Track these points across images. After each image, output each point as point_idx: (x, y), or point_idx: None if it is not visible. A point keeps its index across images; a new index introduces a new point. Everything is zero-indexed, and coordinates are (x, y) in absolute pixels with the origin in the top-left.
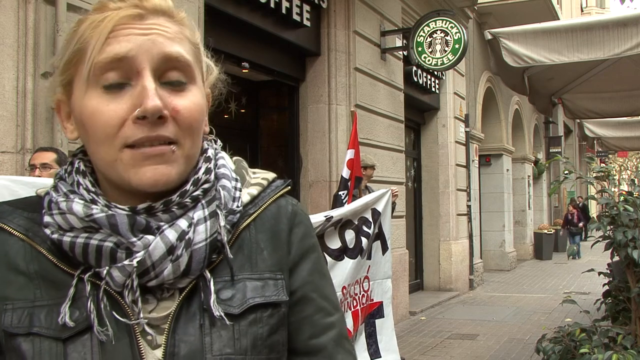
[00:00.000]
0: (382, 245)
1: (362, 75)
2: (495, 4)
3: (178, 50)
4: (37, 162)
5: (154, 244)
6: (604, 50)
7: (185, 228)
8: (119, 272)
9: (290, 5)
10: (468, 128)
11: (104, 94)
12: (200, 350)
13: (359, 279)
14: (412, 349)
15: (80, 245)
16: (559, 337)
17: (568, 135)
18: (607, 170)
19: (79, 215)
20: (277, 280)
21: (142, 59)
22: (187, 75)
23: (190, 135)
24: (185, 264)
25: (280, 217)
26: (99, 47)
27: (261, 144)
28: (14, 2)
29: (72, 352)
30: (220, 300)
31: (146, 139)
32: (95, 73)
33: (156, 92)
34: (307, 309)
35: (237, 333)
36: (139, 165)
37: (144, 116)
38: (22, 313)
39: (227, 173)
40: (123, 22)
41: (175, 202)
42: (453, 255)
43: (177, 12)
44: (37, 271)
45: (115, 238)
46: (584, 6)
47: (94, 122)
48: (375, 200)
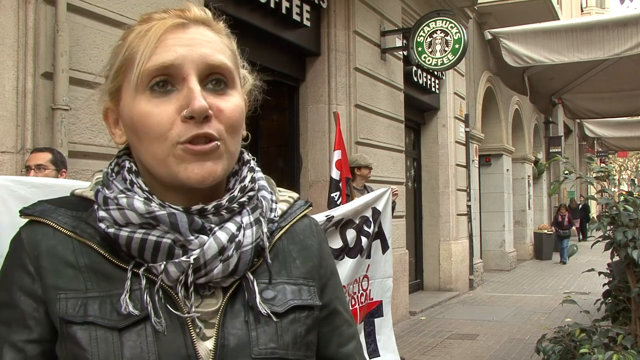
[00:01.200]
0: (382, 244)
1: (362, 75)
2: (495, 4)
3: (220, 58)
4: (31, 164)
5: (208, 243)
6: (604, 50)
7: (235, 231)
8: (175, 268)
9: (290, 5)
10: (468, 128)
11: (152, 98)
12: (247, 343)
13: (357, 278)
14: (412, 349)
15: (138, 240)
16: (559, 337)
17: (568, 135)
18: (607, 170)
19: (140, 212)
20: (310, 287)
21: (187, 67)
22: (228, 80)
23: (231, 134)
24: (234, 264)
25: (308, 233)
26: (147, 56)
27: (261, 144)
28: (14, 2)
29: (128, 341)
30: (264, 299)
31: (195, 137)
32: (143, 80)
33: (201, 94)
34: (336, 320)
35: (279, 330)
36: (189, 161)
37: (192, 116)
38: (76, 303)
39: (266, 185)
40: (168, 32)
41: (225, 207)
42: (453, 255)
43: (215, 22)
44: (87, 264)
45: (173, 235)
46: (584, 6)
47: (145, 123)
48: (375, 199)
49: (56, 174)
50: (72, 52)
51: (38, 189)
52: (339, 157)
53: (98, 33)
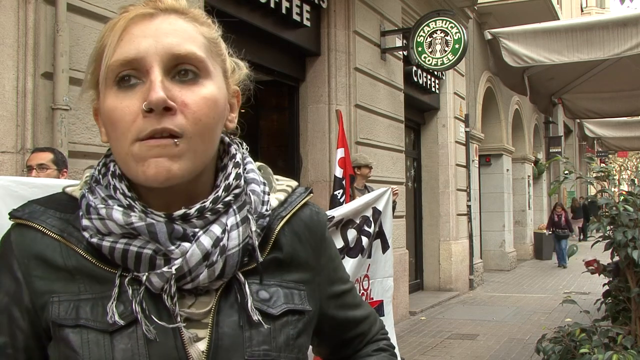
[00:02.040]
0: (382, 243)
1: (362, 75)
2: (495, 4)
3: (187, 47)
4: (33, 163)
5: (191, 251)
6: (604, 50)
7: (219, 234)
8: (158, 278)
9: (290, 5)
10: (468, 128)
11: (118, 92)
12: (241, 343)
13: (358, 278)
14: (412, 349)
15: (120, 250)
16: (559, 337)
17: (568, 135)
18: (607, 170)
19: (119, 223)
20: (300, 291)
21: (150, 59)
22: (199, 70)
23: (199, 131)
24: (220, 269)
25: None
26: (112, 49)
27: (261, 144)
28: (14, 2)
29: (119, 344)
30: (260, 300)
31: (153, 132)
32: (109, 75)
33: (162, 84)
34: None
35: (273, 332)
36: (144, 158)
37: (151, 108)
38: (69, 305)
39: (256, 178)
40: (135, 23)
41: (209, 208)
42: (453, 255)
43: (190, 10)
44: (75, 267)
45: (154, 245)
46: (584, 6)
47: (111, 119)
48: (376, 199)
49: (58, 174)
50: (72, 52)
51: (39, 189)
52: (342, 155)
53: (98, 33)
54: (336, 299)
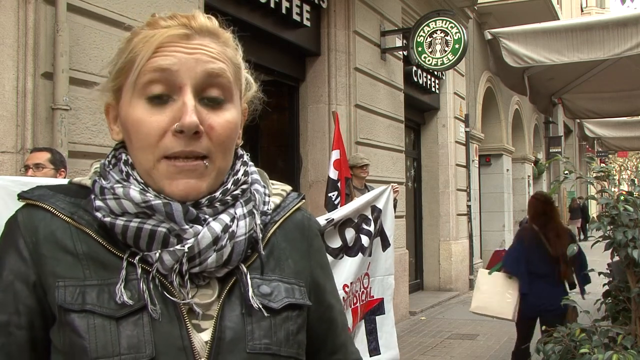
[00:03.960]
0: (382, 241)
1: (362, 75)
2: (495, 4)
3: (220, 67)
4: (30, 163)
5: (203, 232)
6: (604, 50)
7: (229, 222)
8: (170, 257)
9: (290, 5)
10: (468, 128)
11: (148, 105)
12: (242, 337)
13: (360, 276)
14: (412, 349)
15: (134, 229)
16: (559, 337)
17: (568, 135)
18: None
19: (136, 201)
20: (301, 287)
21: (185, 75)
22: (225, 94)
23: (221, 151)
24: (228, 254)
25: (300, 230)
26: (146, 59)
27: (261, 144)
28: (14, 2)
29: (125, 330)
30: (261, 294)
31: (181, 153)
32: (140, 81)
33: (195, 109)
34: (332, 314)
35: (273, 326)
36: (173, 177)
37: (182, 130)
38: (75, 290)
39: (259, 179)
40: (171, 40)
41: (218, 199)
42: (453, 255)
43: (222, 32)
44: (85, 252)
45: (168, 224)
46: (584, 6)
47: (137, 130)
48: (376, 197)
49: (54, 174)
50: (72, 52)
51: None
52: (337, 157)
53: (98, 33)
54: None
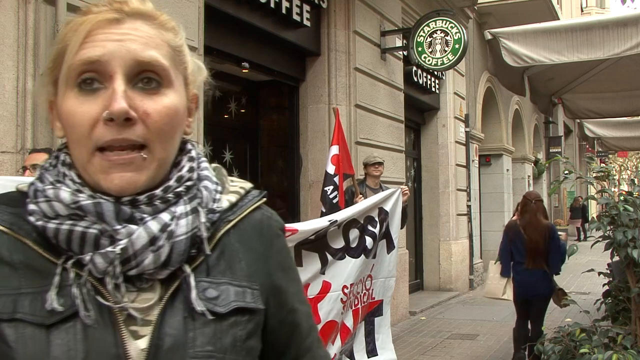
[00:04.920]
0: (387, 244)
1: (362, 75)
2: (495, 4)
3: (151, 55)
4: (28, 164)
5: (137, 233)
6: (604, 50)
7: (168, 221)
8: (102, 259)
9: (290, 5)
10: (468, 128)
11: (79, 95)
12: (183, 344)
13: (362, 278)
14: (412, 349)
15: (65, 231)
16: (559, 337)
17: (568, 135)
18: (607, 170)
19: (66, 202)
20: (254, 290)
21: (114, 64)
22: (162, 79)
23: (160, 139)
24: (166, 255)
25: (257, 230)
26: (74, 50)
27: (261, 144)
28: (14, 2)
29: (55, 339)
30: (206, 298)
31: (114, 141)
32: (71, 75)
33: (124, 94)
34: (296, 318)
35: (218, 332)
36: (107, 171)
37: (111, 118)
38: (7, 300)
39: (209, 176)
40: (100, 27)
41: (159, 197)
42: (453, 255)
43: (157, 14)
44: (21, 261)
45: (100, 225)
46: (584, 6)
47: (69, 122)
48: (384, 199)
49: None
50: None
51: None
52: (336, 152)
53: None
54: (280, 312)
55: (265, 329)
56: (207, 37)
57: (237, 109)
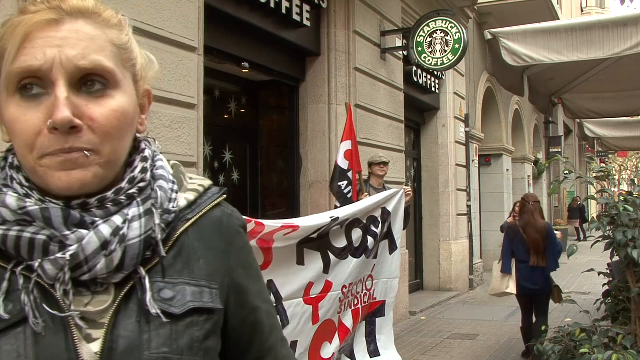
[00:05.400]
0: (389, 244)
1: (362, 75)
2: (495, 4)
3: (94, 59)
4: None
5: (88, 238)
6: (604, 50)
7: (120, 224)
8: (52, 265)
9: (290, 5)
10: (468, 128)
11: (21, 102)
12: (138, 346)
13: (362, 278)
14: (412, 349)
15: (13, 238)
16: (559, 337)
17: (568, 135)
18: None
19: (12, 208)
20: (212, 289)
21: (55, 71)
22: (108, 81)
23: (109, 142)
24: (119, 259)
25: (217, 228)
26: (12, 56)
27: (261, 144)
28: (14, 2)
29: (4, 345)
30: (161, 299)
31: (60, 151)
32: (11, 81)
33: (67, 102)
34: (258, 317)
35: (174, 333)
36: (54, 170)
37: (55, 127)
38: None
39: (165, 175)
40: (38, 29)
41: (110, 199)
42: (453, 255)
43: (101, 11)
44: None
45: (49, 231)
46: (584, 6)
47: (14, 130)
48: (386, 199)
49: None
50: None
51: None
52: (349, 147)
53: None
54: (241, 311)
55: (226, 328)
56: (207, 37)
57: (237, 109)
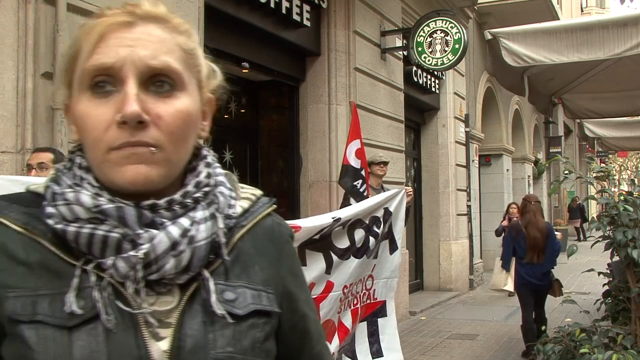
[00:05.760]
0: (390, 244)
1: (362, 75)
2: (495, 4)
3: (163, 59)
4: (33, 162)
5: (159, 237)
6: (604, 50)
7: (188, 226)
8: (124, 263)
9: (290, 5)
10: (468, 128)
11: (92, 98)
12: (204, 346)
13: (362, 278)
14: (412, 349)
15: (86, 235)
16: (559, 337)
17: (568, 135)
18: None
19: (87, 206)
20: (269, 294)
21: (127, 69)
22: (175, 82)
23: (173, 141)
24: (187, 259)
25: (269, 236)
26: (87, 55)
27: (261, 144)
28: (14, 2)
29: (77, 341)
30: (224, 301)
31: (127, 144)
32: (85, 79)
33: (137, 97)
34: (307, 325)
35: (238, 334)
36: (120, 165)
37: (124, 121)
38: (25, 301)
39: (224, 182)
40: (112, 30)
41: (178, 202)
42: (453, 255)
43: (170, 17)
44: (38, 261)
45: (122, 229)
46: (584, 6)
47: (83, 125)
48: (388, 199)
49: None
50: None
51: None
52: (359, 146)
53: None
54: (292, 317)
55: (278, 334)
56: (207, 37)
57: (237, 109)
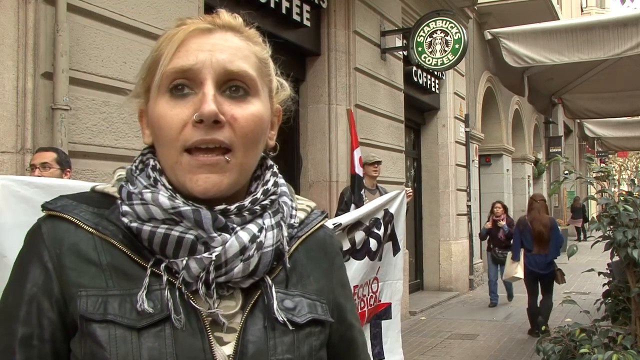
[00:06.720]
0: (393, 246)
1: (362, 75)
2: (495, 4)
3: (239, 65)
4: (37, 162)
5: (230, 241)
6: (604, 50)
7: (256, 232)
8: (196, 264)
9: (290, 5)
10: (468, 128)
11: (170, 99)
12: (265, 352)
13: (368, 280)
14: (412, 349)
15: (161, 235)
16: (559, 337)
17: (568, 135)
18: (607, 170)
19: (164, 207)
20: (322, 304)
21: (205, 71)
22: (249, 88)
23: (244, 144)
24: (255, 264)
25: (322, 248)
26: (168, 58)
27: None
28: (14, 2)
29: (146, 342)
30: (285, 308)
31: (202, 142)
32: (164, 82)
33: (214, 98)
34: (353, 334)
35: (296, 341)
36: (194, 171)
37: (201, 120)
38: (97, 300)
39: (287, 192)
40: (192, 36)
41: (247, 208)
42: (453, 255)
43: (246, 29)
44: (109, 262)
45: (196, 231)
46: (584, 6)
47: (160, 124)
48: (388, 200)
49: (60, 174)
50: (72, 52)
51: (41, 190)
52: (360, 155)
53: (98, 33)
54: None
55: (328, 343)
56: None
57: None
